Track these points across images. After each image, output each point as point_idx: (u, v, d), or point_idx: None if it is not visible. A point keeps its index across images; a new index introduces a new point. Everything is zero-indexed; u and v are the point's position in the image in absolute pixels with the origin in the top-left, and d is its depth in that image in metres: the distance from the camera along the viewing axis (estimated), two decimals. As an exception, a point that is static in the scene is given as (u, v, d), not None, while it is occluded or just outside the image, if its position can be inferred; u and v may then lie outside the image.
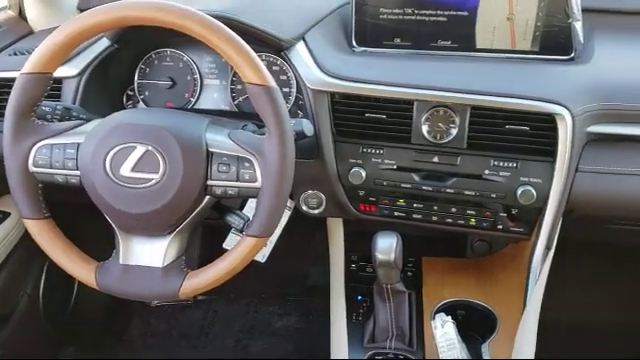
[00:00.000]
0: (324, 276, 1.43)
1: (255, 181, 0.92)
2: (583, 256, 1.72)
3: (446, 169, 1.14)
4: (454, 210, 1.17)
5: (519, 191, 1.09)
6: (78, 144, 0.95)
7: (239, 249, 0.93)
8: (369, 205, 1.22)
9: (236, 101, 1.24)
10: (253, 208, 0.94)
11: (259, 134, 0.97)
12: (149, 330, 1.95)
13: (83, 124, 1.00)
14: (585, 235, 1.36)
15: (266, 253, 1.32)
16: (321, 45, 1.16)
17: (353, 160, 1.16)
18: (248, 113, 1.21)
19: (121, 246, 0.98)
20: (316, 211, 1.24)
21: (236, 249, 0.94)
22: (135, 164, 0.91)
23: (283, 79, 1.19)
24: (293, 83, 1.19)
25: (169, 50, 1.25)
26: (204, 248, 1.78)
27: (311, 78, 1.12)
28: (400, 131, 1.13)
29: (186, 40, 1.00)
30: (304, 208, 1.24)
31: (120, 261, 0.98)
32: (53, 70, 0.94)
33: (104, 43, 1.18)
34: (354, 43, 1.21)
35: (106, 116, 0.98)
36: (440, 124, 1.11)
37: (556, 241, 1.17)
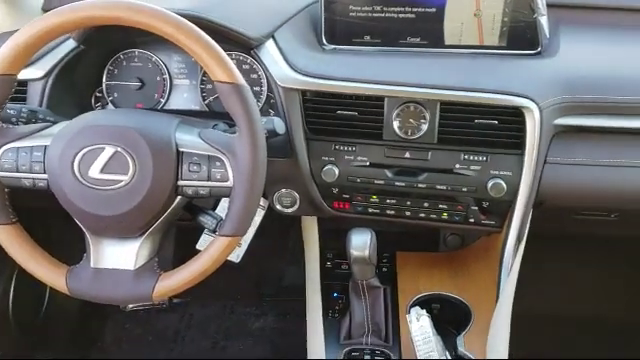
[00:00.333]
0: (300, 275, 1.43)
1: (227, 180, 0.92)
2: (555, 248, 1.76)
3: (418, 164, 1.15)
4: (427, 205, 1.18)
5: (489, 184, 1.11)
6: (45, 147, 0.94)
7: (212, 249, 0.93)
8: (343, 202, 1.22)
9: (206, 101, 1.23)
10: (226, 208, 0.93)
11: (230, 133, 0.96)
12: (124, 335, 1.92)
13: (50, 126, 0.98)
14: (555, 226, 1.39)
15: (240, 253, 1.31)
16: (291, 43, 1.16)
17: (326, 158, 1.16)
18: (219, 112, 1.20)
19: (92, 249, 0.96)
20: (290, 210, 1.24)
21: (209, 249, 0.93)
22: (104, 165, 0.90)
23: (254, 78, 1.19)
24: (264, 82, 1.19)
25: (137, 50, 1.23)
26: (178, 249, 1.76)
27: (282, 76, 1.11)
28: (372, 128, 1.14)
29: (154, 40, 0.99)
30: (278, 207, 1.24)
31: (91, 265, 0.96)
32: (17, 72, 0.92)
33: (70, 44, 1.16)
34: (324, 41, 1.21)
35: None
36: (411, 120, 1.12)
37: (527, 233, 1.18)
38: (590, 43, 1.24)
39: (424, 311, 1.12)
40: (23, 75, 0.96)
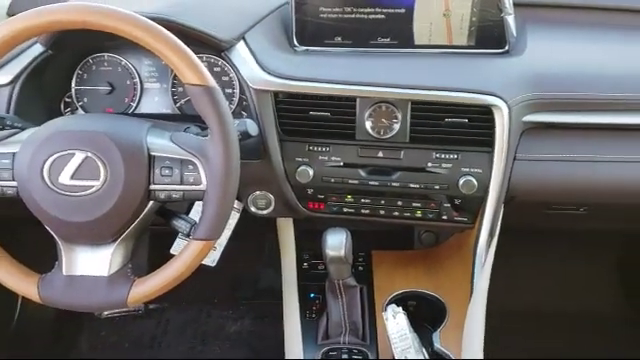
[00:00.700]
0: (276, 277, 1.43)
1: (200, 184, 0.91)
2: (528, 242, 1.79)
3: (391, 163, 1.16)
4: (400, 203, 1.20)
5: (461, 181, 1.12)
6: (14, 154, 0.92)
7: (186, 253, 0.92)
8: (318, 203, 1.22)
9: (178, 104, 1.23)
10: (199, 212, 0.93)
11: (202, 136, 0.96)
12: (100, 342, 1.89)
13: (18, 133, 0.96)
14: (527, 221, 1.41)
15: (215, 257, 1.30)
16: (262, 45, 1.16)
17: (300, 159, 1.16)
18: (190, 116, 1.20)
19: (64, 257, 0.95)
20: (265, 212, 1.24)
21: (183, 254, 0.93)
22: (74, 171, 0.89)
23: (225, 80, 1.19)
24: (235, 84, 1.19)
25: (106, 55, 1.22)
26: (152, 255, 1.75)
27: (253, 78, 1.11)
28: (345, 128, 1.14)
29: (124, 44, 0.98)
30: (253, 209, 1.24)
31: (63, 272, 0.95)
32: None
33: (38, 49, 1.14)
34: (295, 42, 1.21)
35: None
36: (383, 120, 1.13)
37: (499, 228, 1.20)
38: (556, 41, 1.26)
39: (400, 308, 1.13)
40: (-12, 81, 0.94)
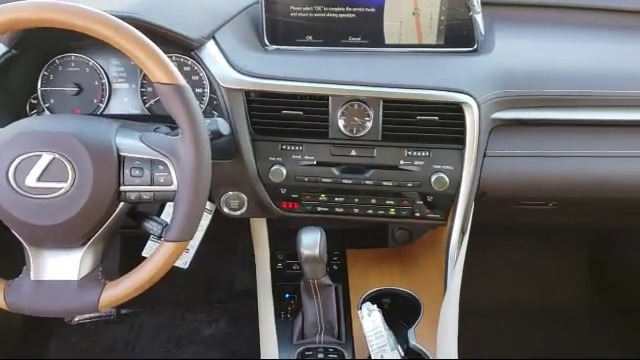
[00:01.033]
0: (251, 279, 1.42)
1: (171, 184, 0.91)
2: (499, 239, 1.81)
3: (364, 161, 1.16)
4: (374, 201, 1.20)
5: (433, 178, 1.13)
6: None
7: (158, 255, 0.91)
8: (291, 202, 1.22)
9: (147, 104, 1.21)
10: (171, 213, 0.92)
11: (173, 136, 0.95)
12: (71, 349, 1.85)
13: None
14: (498, 217, 1.44)
15: (188, 259, 1.29)
16: (232, 43, 1.15)
17: (273, 158, 1.16)
18: (161, 116, 1.18)
19: (31, 261, 0.93)
20: (238, 212, 1.23)
21: (155, 256, 0.91)
22: (41, 174, 0.87)
23: (195, 79, 1.17)
24: (206, 83, 1.17)
25: (73, 55, 1.19)
26: (124, 258, 1.72)
27: (224, 77, 1.10)
28: (317, 127, 1.14)
29: (91, 44, 0.96)
30: (225, 210, 1.23)
31: (31, 277, 0.93)
32: None
33: (1, 49, 1.11)
34: (266, 41, 1.21)
35: None
36: (355, 118, 1.13)
37: (471, 225, 1.22)
38: (524, 39, 1.28)
39: (375, 306, 1.14)
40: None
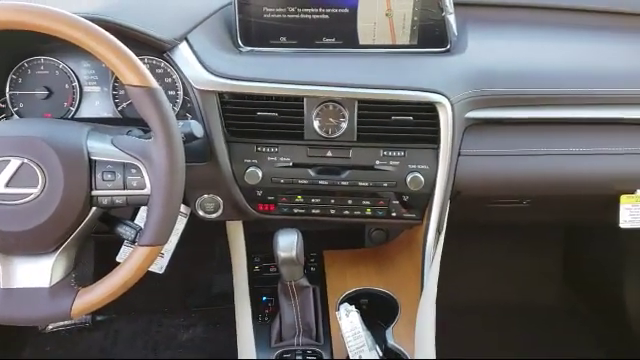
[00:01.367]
0: (228, 282, 1.41)
1: (144, 188, 0.90)
2: (475, 237, 1.83)
3: (340, 162, 1.16)
4: (350, 202, 1.20)
5: (408, 178, 1.14)
6: None
7: (132, 260, 0.90)
8: (268, 204, 1.21)
9: (119, 107, 1.19)
10: (145, 217, 0.91)
11: (145, 139, 0.94)
12: (45, 358, 1.82)
13: None
14: (473, 216, 1.45)
15: (164, 264, 1.28)
16: (205, 45, 1.14)
17: (248, 160, 1.15)
18: (133, 119, 1.16)
19: (1, 269, 0.91)
20: (214, 215, 1.22)
21: (129, 260, 0.90)
22: (10, 179, 0.86)
23: (168, 82, 1.16)
24: (179, 85, 1.16)
25: (43, 58, 1.17)
26: (99, 264, 1.69)
27: (197, 78, 1.09)
28: (293, 128, 1.14)
29: (60, 46, 0.95)
30: (201, 213, 1.22)
31: (1, 285, 0.91)
32: None
33: (-34, 52, 1.09)
34: (240, 43, 1.20)
35: None
36: (331, 119, 1.13)
37: (447, 224, 1.23)
38: (496, 39, 1.29)
39: (353, 307, 1.14)
40: None
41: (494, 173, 1.17)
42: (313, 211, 1.22)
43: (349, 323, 1.11)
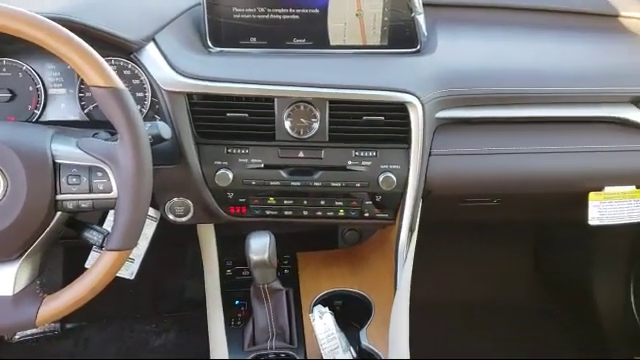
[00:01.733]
0: (200, 287, 1.39)
1: (110, 191, 0.88)
2: (447, 236, 1.84)
3: (312, 163, 1.16)
4: (323, 203, 1.20)
5: (380, 178, 1.14)
6: None
7: (99, 265, 0.88)
8: (239, 207, 1.20)
9: (86, 110, 1.16)
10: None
11: (112, 141, 0.92)
12: (11, 369, 1.77)
13: None
14: (445, 215, 1.46)
15: (134, 269, 1.25)
16: (173, 46, 1.12)
17: (218, 162, 1.14)
18: (100, 122, 1.14)
19: (-39, 277, 0.88)
20: (184, 219, 1.20)
21: (96, 266, 0.88)
22: None
23: (136, 83, 1.14)
24: (147, 87, 1.14)
25: (5, 60, 1.14)
26: (69, 271, 1.65)
27: (165, 79, 1.08)
28: (264, 129, 1.13)
29: (24, 47, 0.92)
30: (171, 217, 1.20)
31: None
32: None
33: None
34: (209, 43, 1.18)
35: None
36: (302, 119, 1.12)
37: (419, 223, 1.23)
38: (465, 40, 1.31)
39: (326, 309, 1.13)
40: None
41: (464, 172, 1.18)
42: (286, 212, 1.21)
43: (323, 325, 1.10)
